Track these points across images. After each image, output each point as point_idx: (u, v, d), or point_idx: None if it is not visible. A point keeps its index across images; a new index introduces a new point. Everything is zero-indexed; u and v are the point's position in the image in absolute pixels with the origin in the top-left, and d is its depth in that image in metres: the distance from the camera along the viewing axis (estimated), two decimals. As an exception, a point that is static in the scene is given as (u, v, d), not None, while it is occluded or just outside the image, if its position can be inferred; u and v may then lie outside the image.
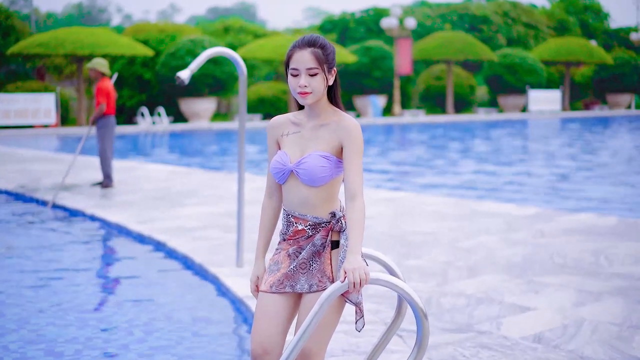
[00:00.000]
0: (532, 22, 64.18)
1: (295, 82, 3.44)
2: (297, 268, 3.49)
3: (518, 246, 8.20)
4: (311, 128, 3.52)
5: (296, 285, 3.49)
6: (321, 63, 3.42)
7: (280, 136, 3.58)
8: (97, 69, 12.94)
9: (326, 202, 3.48)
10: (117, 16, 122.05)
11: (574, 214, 10.39)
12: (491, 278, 6.87)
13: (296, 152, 3.50)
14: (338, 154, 3.47)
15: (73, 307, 6.40)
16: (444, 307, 5.99)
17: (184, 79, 6.64)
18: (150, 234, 8.98)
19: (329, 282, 3.45)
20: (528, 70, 49.67)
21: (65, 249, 8.82)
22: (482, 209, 10.73)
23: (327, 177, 3.44)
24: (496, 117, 46.32)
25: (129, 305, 6.52)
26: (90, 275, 7.72)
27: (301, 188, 3.47)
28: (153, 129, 34.19)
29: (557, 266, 7.30)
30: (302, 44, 3.43)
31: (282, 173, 3.50)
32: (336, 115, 3.53)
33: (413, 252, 7.99)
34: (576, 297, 6.22)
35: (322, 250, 3.47)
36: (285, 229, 3.55)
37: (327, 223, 3.47)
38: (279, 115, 3.66)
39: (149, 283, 7.25)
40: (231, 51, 6.93)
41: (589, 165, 19.33)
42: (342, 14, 61.59)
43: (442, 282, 6.75)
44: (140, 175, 15.46)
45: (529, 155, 22.53)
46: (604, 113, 51.49)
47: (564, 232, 8.92)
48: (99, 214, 10.49)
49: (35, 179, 14.43)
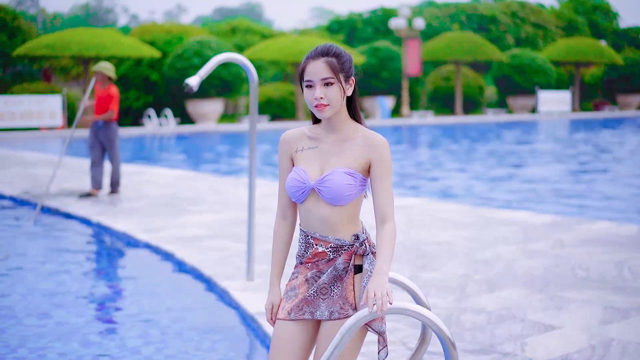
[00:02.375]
0: (540, 22, 63.89)
1: (310, 94, 3.19)
2: (317, 293, 3.24)
3: (537, 257, 7.92)
4: (332, 143, 3.27)
5: (316, 312, 3.25)
6: (336, 72, 3.17)
7: (294, 152, 3.33)
8: (105, 74, 12.54)
9: (349, 223, 3.24)
10: (124, 16, 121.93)
11: (593, 222, 10.10)
12: (512, 293, 6.60)
13: (315, 169, 3.25)
14: (364, 172, 3.23)
15: (77, 324, 6.14)
16: (464, 326, 5.72)
17: (192, 86, 6.37)
18: (158, 244, 8.71)
19: (352, 309, 3.21)
20: (537, 70, 49.39)
21: (69, 260, 8.55)
22: (497, 217, 10.45)
23: (353, 196, 3.20)
24: (505, 118, 46.01)
25: (135, 320, 6.25)
26: (95, 287, 7.46)
27: (322, 207, 3.22)
28: (160, 131, 33.97)
29: (579, 280, 7.02)
30: (315, 54, 3.20)
31: (301, 191, 3.24)
32: (360, 130, 3.29)
33: (429, 264, 7.71)
34: (602, 314, 5.94)
35: (344, 275, 3.23)
36: (302, 251, 3.30)
37: (350, 246, 3.23)
38: (292, 129, 3.40)
39: (156, 297, 6.97)
40: (242, 57, 6.65)
41: (603, 168, 19.03)
42: (349, 14, 61.37)
43: (461, 297, 6.48)
44: (145, 180, 15.20)
45: (540, 158, 22.22)
46: (615, 114, 51.12)
47: (584, 242, 8.64)
48: (105, 222, 10.22)
49: (40, 184, 14.16)
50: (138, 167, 18.20)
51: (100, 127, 12.74)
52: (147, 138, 32.08)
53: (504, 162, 20.68)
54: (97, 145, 12.80)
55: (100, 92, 12.71)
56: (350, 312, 3.19)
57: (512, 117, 46.63)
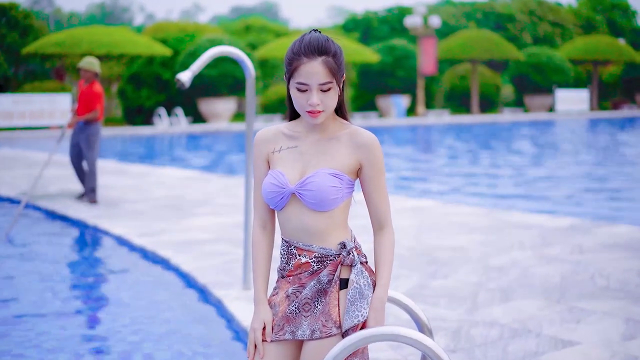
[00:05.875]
0: (558, 20, 63.26)
1: (303, 99, 2.78)
2: (299, 309, 2.85)
3: (555, 264, 7.45)
4: (314, 142, 2.88)
5: (297, 331, 2.85)
6: (335, 74, 2.77)
7: (271, 152, 2.93)
8: (91, 69, 11.66)
9: (336, 230, 2.85)
10: (140, 15, 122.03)
11: (612, 225, 9.61)
12: (527, 303, 6.14)
13: (295, 171, 2.86)
14: (351, 173, 2.84)
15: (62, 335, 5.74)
16: (474, 341, 5.27)
17: (184, 82, 5.94)
18: (154, 249, 8.29)
19: (335, 327, 2.80)
20: (555, 69, 48.77)
21: (57, 266, 8.13)
22: (513, 220, 9.98)
23: (339, 200, 2.81)
24: (522, 117, 45.44)
25: (126, 332, 5.84)
26: (82, 296, 7.04)
27: (305, 214, 2.83)
28: (171, 130, 33.63)
29: (599, 289, 6.55)
30: (311, 52, 2.76)
31: (280, 197, 2.84)
32: (345, 126, 2.90)
33: (440, 270, 7.26)
34: (624, 328, 5.48)
35: (328, 288, 2.83)
36: (284, 263, 2.91)
37: (336, 256, 2.83)
38: (268, 127, 2.99)
39: (148, 307, 6.56)
40: (237, 50, 6.22)
41: (622, 170, 18.52)
42: (365, 12, 61.05)
43: (472, 308, 6.02)
44: (152, 181, 14.80)
45: (558, 159, 21.71)
46: (634, 113, 50.40)
47: (604, 248, 8.17)
48: (102, 225, 9.81)
49: (42, 185, 13.77)
50: (146, 167, 17.83)
51: (80, 127, 11.82)
52: (157, 138, 31.73)
53: (520, 163, 20.18)
54: (76, 147, 11.87)
55: (84, 89, 11.79)
56: (334, 331, 2.81)
57: (530, 117, 46.03)
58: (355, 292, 2.81)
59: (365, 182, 2.88)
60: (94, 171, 11.71)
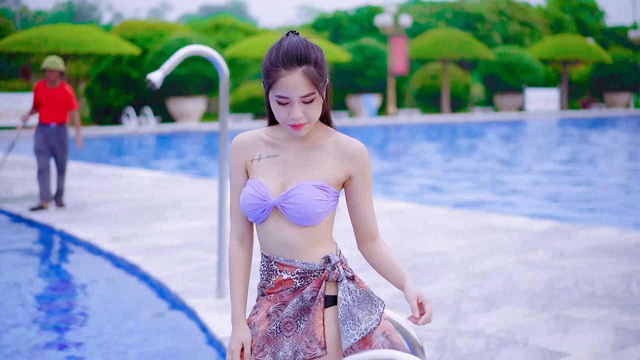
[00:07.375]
0: (527, 20, 63.46)
1: (284, 111, 2.53)
2: (280, 329, 2.61)
3: (538, 270, 7.24)
4: (297, 151, 2.64)
5: (278, 353, 2.61)
6: (317, 84, 2.50)
7: (249, 160, 2.68)
8: (58, 69, 11.10)
9: (320, 244, 2.61)
10: (108, 14, 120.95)
11: (592, 228, 9.43)
12: (512, 311, 5.92)
13: (276, 182, 2.62)
14: (337, 185, 2.61)
15: (24, 346, 5.43)
16: (460, 352, 5.05)
17: (155, 82, 5.66)
18: (123, 255, 7.98)
19: (320, 348, 2.56)
20: (525, 68, 48.85)
21: (20, 273, 7.80)
22: (493, 223, 9.78)
23: (324, 213, 2.58)
24: (493, 117, 45.47)
25: (92, 344, 5.54)
26: (47, 305, 6.71)
27: (287, 228, 2.59)
28: (139, 130, 33.18)
29: (585, 295, 6.35)
30: (290, 61, 2.50)
31: (261, 210, 2.60)
32: (330, 134, 2.66)
33: (421, 278, 7.02)
34: (614, 338, 5.28)
35: (311, 306, 2.59)
36: (264, 280, 2.66)
37: (321, 271, 2.60)
38: (246, 132, 2.73)
39: (116, 316, 6.25)
40: (209, 49, 5.95)
41: (594, 170, 18.44)
42: (335, 11, 60.79)
43: (456, 318, 5.79)
44: (120, 183, 14.43)
45: (531, 159, 21.61)
46: (603, 113, 50.63)
47: (586, 252, 7.98)
48: (70, 230, 9.47)
49: (6, 188, 13.37)
50: (114, 169, 17.45)
51: (52, 130, 11.27)
52: (126, 138, 31.27)
53: (495, 163, 20.05)
54: (47, 151, 11.31)
55: (54, 90, 11.24)
56: (319, 352, 2.57)
57: (500, 116, 46.07)
58: (345, 310, 2.58)
59: (354, 193, 2.66)
60: (64, 173, 11.33)
